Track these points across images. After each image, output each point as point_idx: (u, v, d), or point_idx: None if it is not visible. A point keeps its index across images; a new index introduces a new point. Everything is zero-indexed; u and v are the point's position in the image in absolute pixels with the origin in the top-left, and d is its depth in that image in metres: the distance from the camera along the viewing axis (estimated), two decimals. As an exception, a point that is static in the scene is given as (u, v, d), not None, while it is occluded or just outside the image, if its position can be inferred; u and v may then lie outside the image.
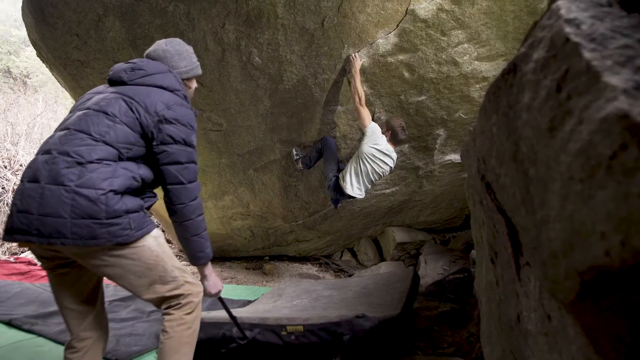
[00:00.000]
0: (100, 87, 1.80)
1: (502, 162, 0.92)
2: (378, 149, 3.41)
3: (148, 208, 1.74)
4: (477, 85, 3.48)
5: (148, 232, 1.61)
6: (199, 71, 2.09)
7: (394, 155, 3.56)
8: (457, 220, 5.38)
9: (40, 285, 3.64)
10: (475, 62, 3.34)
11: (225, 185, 4.63)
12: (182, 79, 1.95)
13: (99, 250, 1.48)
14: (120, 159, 1.58)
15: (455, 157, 4.15)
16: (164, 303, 1.67)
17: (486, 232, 1.40)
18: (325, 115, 3.71)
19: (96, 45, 3.51)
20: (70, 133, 1.54)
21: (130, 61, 1.81)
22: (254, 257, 6.10)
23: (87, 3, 3.23)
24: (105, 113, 1.59)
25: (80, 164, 1.47)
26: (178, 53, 1.95)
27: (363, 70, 3.36)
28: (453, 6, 3.02)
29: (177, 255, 6.90)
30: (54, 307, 2.95)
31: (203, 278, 1.87)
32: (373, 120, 3.50)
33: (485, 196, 1.15)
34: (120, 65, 1.78)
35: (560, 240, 0.61)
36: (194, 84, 2.08)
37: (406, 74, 3.39)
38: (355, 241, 5.81)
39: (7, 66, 19.32)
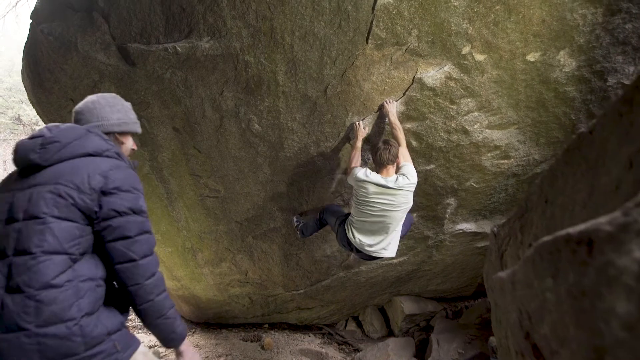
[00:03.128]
0: (10, 180, 1.44)
1: (563, 343, 0.68)
2: (363, 197, 2.85)
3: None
4: (489, 154, 3.29)
5: (136, 349, 1.37)
6: (136, 129, 1.75)
7: (401, 182, 2.79)
8: (469, 288, 5.02)
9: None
10: (487, 130, 3.16)
11: (222, 252, 4.37)
12: (111, 132, 1.63)
13: None
14: (74, 260, 1.30)
15: (467, 226, 3.88)
16: None
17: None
18: (327, 183, 3.50)
19: (91, 111, 3.39)
20: (8, 261, 1.23)
21: (36, 134, 1.45)
22: (252, 324, 5.72)
23: (84, 70, 3.14)
24: (34, 217, 1.28)
25: (31, 297, 1.18)
26: (110, 105, 1.64)
27: (368, 139, 3.19)
28: (462, 75, 2.88)
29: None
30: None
31: (178, 355, 1.56)
32: None
33: (530, 354, 0.90)
34: (25, 144, 1.42)
35: None
36: (129, 141, 1.73)
37: (414, 143, 3.21)
38: (361, 310, 5.42)
39: (18, 114, 19.83)
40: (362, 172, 2.87)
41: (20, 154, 1.41)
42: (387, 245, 3.00)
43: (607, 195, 0.80)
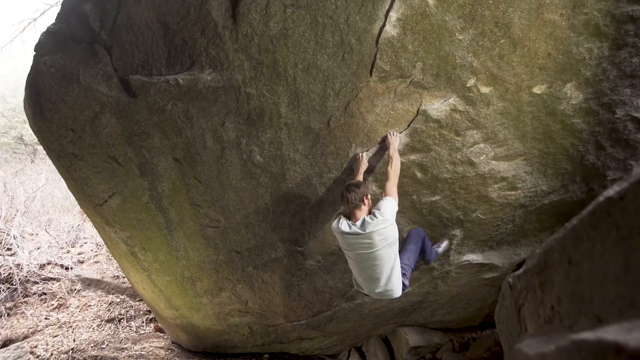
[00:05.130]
0: None
1: None
2: (344, 247, 2.87)
3: None
4: (496, 186, 3.22)
5: None
6: None
7: (368, 225, 2.65)
8: (476, 319, 4.88)
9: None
10: (493, 161, 3.11)
11: (222, 281, 4.26)
12: None
13: None
14: None
15: (473, 257, 3.79)
16: None
17: None
18: (330, 214, 3.43)
19: (91, 141, 3.36)
20: None
21: None
22: (252, 354, 5.56)
23: (85, 101, 3.11)
24: None
25: None
26: None
27: (371, 170, 3.13)
28: (467, 107, 2.84)
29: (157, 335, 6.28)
30: None
31: None
32: None
33: None
34: None
35: None
36: None
37: (418, 174, 3.15)
38: (364, 340, 5.27)
39: (21, 134, 19.98)
40: (335, 223, 2.85)
41: None
42: (390, 286, 2.84)
43: (646, 274, 0.73)
